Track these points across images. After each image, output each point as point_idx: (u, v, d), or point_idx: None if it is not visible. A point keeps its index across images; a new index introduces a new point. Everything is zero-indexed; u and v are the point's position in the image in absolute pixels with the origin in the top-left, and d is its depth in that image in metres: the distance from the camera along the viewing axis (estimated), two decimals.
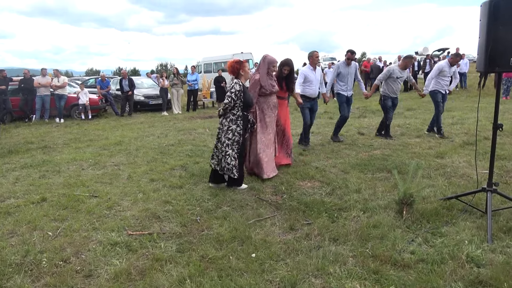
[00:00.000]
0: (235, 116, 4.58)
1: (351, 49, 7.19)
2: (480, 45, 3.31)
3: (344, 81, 7.20)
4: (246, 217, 3.82)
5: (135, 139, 8.56)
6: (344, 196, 4.34)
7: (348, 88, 7.22)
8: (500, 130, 3.58)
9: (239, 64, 4.71)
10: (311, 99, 6.74)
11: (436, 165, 5.46)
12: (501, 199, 3.92)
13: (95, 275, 2.86)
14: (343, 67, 7.16)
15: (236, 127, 4.57)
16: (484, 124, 7.64)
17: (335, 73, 7.30)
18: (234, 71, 4.70)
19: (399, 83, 7.44)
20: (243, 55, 23.76)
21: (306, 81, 6.59)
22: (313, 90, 6.66)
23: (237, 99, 4.53)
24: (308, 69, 6.69)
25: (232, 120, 4.57)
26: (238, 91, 4.52)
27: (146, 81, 17.36)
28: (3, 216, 4.04)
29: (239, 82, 4.59)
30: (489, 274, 2.64)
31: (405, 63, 7.32)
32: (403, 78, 7.44)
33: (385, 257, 2.93)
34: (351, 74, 7.18)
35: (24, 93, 12.10)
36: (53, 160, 6.53)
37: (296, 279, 2.67)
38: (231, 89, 4.57)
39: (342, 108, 7.33)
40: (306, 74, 6.62)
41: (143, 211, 4.06)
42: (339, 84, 7.29)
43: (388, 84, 7.36)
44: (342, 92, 7.26)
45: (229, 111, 4.59)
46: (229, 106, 4.54)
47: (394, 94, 7.41)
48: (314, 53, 6.64)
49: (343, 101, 7.30)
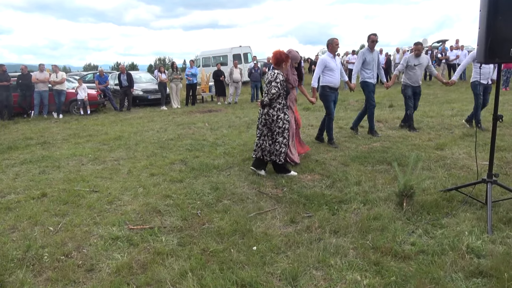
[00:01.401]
0: (281, 105, 4.74)
1: (373, 32, 6.98)
2: (480, 36, 3.29)
3: (370, 68, 6.90)
4: (246, 211, 3.83)
5: (134, 134, 8.55)
6: (344, 189, 4.34)
7: (373, 75, 6.98)
8: (500, 121, 3.58)
9: (287, 57, 4.80)
10: (334, 89, 6.32)
11: (436, 157, 5.46)
12: (501, 190, 3.92)
13: (97, 269, 2.87)
14: (367, 53, 6.90)
15: (284, 115, 4.76)
16: (484, 115, 7.63)
17: (360, 60, 6.97)
18: (279, 61, 4.76)
19: (419, 71, 7.28)
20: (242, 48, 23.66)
21: (327, 69, 6.19)
22: (336, 79, 6.27)
23: (282, 89, 4.66)
24: (328, 57, 6.26)
25: (280, 109, 4.73)
26: (282, 81, 4.67)
27: (144, 76, 17.30)
28: (4, 211, 4.05)
29: (281, 73, 4.71)
30: (489, 265, 2.65)
31: (415, 49, 7.26)
32: (423, 65, 7.25)
33: (385, 249, 2.94)
34: (375, 61, 6.95)
35: (22, 89, 12.04)
36: (52, 156, 6.52)
37: (297, 271, 2.68)
38: (275, 79, 4.65)
39: (371, 97, 6.97)
40: (326, 62, 6.19)
41: (144, 205, 4.07)
42: (365, 72, 6.95)
43: (407, 73, 7.32)
44: (369, 80, 6.94)
45: (275, 101, 4.70)
46: (276, 96, 4.65)
47: (414, 83, 7.29)
48: (334, 40, 6.19)
49: (372, 90, 6.96)
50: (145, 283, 2.66)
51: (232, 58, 21.45)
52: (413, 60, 7.22)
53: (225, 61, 22.61)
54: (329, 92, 6.29)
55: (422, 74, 7.44)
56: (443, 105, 10.66)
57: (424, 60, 7.29)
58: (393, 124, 8.13)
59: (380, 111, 10.14)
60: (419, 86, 7.42)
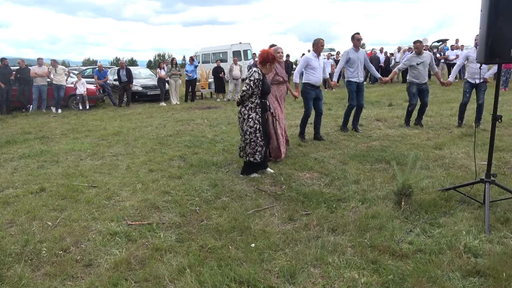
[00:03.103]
0: (253, 104, 4.62)
1: (357, 32, 7.08)
2: (481, 36, 3.30)
3: (353, 67, 7.02)
4: (245, 208, 3.83)
5: (133, 129, 8.54)
6: (343, 187, 4.35)
7: (358, 74, 7.07)
8: (499, 121, 3.58)
9: (273, 58, 4.70)
10: (315, 87, 6.52)
11: (435, 156, 5.47)
12: (499, 190, 3.93)
13: (95, 265, 2.88)
14: (352, 52, 7.01)
15: (255, 115, 4.62)
16: (483, 115, 7.63)
17: (344, 59, 7.09)
18: (264, 60, 4.67)
19: (422, 69, 7.29)
20: (242, 45, 23.60)
21: (309, 68, 6.40)
22: (317, 78, 6.45)
23: (256, 88, 4.55)
24: (312, 56, 6.48)
25: (251, 108, 4.62)
26: (257, 79, 4.55)
27: (143, 72, 17.25)
28: (2, 206, 4.05)
29: (258, 71, 4.60)
30: (487, 264, 2.67)
31: (415, 47, 7.33)
32: (426, 62, 7.27)
33: (383, 247, 2.95)
34: (360, 60, 7.03)
35: (20, 83, 12.00)
36: (51, 150, 6.51)
37: (295, 269, 2.69)
38: (250, 77, 4.59)
39: (352, 96, 7.13)
40: (309, 60, 6.40)
41: (142, 201, 4.07)
42: (349, 70, 7.11)
43: (411, 71, 7.37)
44: (353, 79, 7.08)
45: (248, 99, 4.62)
46: (247, 94, 4.57)
47: (418, 80, 7.32)
48: (320, 41, 6.39)
49: (353, 90, 7.11)
50: (143, 278, 2.67)
51: (232, 54, 21.41)
52: (415, 59, 7.24)
53: (225, 57, 22.57)
54: (310, 89, 6.47)
55: (427, 70, 7.42)
56: (442, 104, 10.67)
57: (427, 57, 7.31)
58: (392, 123, 8.13)
59: (380, 110, 10.15)
60: (425, 83, 7.44)
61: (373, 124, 8.20)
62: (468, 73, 7.31)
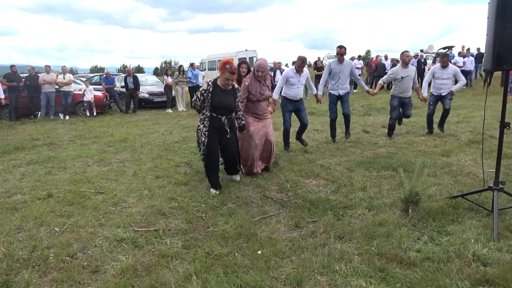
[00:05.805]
0: (203, 116, 4.54)
1: (340, 45, 6.98)
2: (488, 43, 3.29)
3: (334, 79, 6.97)
4: (251, 214, 3.83)
5: (140, 136, 8.59)
6: (349, 194, 4.33)
7: (339, 86, 6.97)
8: (507, 128, 3.55)
9: (223, 69, 4.35)
10: (293, 101, 6.37)
11: (442, 164, 5.43)
12: (508, 198, 3.90)
13: (102, 271, 2.88)
14: (334, 65, 6.94)
15: (202, 127, 4.52)
16: (490, 122, 7.59)
17: (327, 72, 7.05)
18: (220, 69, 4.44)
19: (407, 83, 7.13)
20: (248, 52, 23.70)
21: (288, 84, 6.28)
22: (294, 92, 6.30)
23: (204, 99, 4.46)
24: (291, 72, 6.28)
25: (201, 120, 4.56)
26: (204, 90, 4.45)
27: (150, 78, 17.39)
28: (10, 211, 4.08)
29: (209, 82, 4.52)
30: (496, 273, 2.63)
31: (402, 59, 7.20)
32: (410, 77, 7.12)
33: (391, 255, 2.92)
34: (343, 72, 6.90)
35: (29, 90, 12.16)
36: (58, 157, 6.56)
37: (301, 277, 2.68)
38: (201, 88, 4.55)
39: (330, 108, 7.10)
40: (288, 77, 6.25)
41: (149, 207, 4.08)
42: (331, 83, 7.07)
43: (396, 84, 7.26)
44: (332, 91, 7.04)
45: (200, 111, 4.57)
46: (195, 104, 4.54)
47: (401, 94, 7.19)
48: (302, 57, 6.24)
49: (332, 101, 7.06)
50: (150, 285, 2.67)
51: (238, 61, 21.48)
52: (401, 72, 7.10)
53: None
54: (287, 102, 6.42)
55: (411, 84, 7.26)
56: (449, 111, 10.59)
57: (411, 71, 7.16)
58: (398, 130, 8.10)
59: (386, 117, 10.09)
60: (408, 97, 7.28)
61: (380, 131, 8.18)
62: (433, 87, 7.58)
